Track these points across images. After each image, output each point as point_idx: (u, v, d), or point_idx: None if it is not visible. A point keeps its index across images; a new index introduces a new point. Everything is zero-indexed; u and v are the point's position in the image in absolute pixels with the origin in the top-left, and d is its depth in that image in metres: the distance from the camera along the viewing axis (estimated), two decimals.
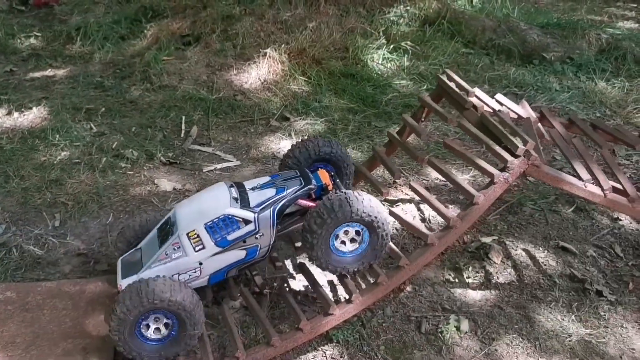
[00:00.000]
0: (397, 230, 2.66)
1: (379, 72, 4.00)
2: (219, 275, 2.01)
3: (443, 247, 1.97)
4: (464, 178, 3.03)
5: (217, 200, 1.99)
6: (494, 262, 2.51)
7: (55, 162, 3.00)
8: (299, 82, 3.81)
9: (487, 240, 2.63)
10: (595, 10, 5.94)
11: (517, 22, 4.60)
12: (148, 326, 1.86)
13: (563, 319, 2.25)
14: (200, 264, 1.94)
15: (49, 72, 4.02)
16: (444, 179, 2.32)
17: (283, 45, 3.93)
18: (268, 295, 2.25)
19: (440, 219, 2.68)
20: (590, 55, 4.40)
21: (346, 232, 1.96)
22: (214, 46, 3.96)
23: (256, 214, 1.94)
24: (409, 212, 2.81)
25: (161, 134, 3.30)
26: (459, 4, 4.79)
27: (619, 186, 2.15)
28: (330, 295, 2.10)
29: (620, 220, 2.78)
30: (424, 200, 2.12)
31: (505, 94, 3.99)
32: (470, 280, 2.42)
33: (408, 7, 4.48)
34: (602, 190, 2.00)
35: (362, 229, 1.95)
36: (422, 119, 2.43)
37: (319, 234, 1.89)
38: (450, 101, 2.33)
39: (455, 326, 2.19)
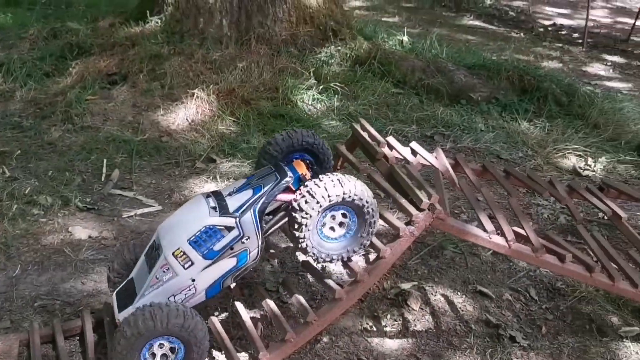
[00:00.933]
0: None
1: (309, 113, 4.02)
2: (215, 288, 1.98)
3: (351, 301, 1.96)
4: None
5: (196, 213, 1.96)
6: (413, 309, 2.52)
7: None
8: (227, 123, 3.79)
9: (406, 286, 2.64)
10: (523, 50, 6.20)
11: (445, 62, 4.73)
12: (153, 355, 1.84)
13: None
14: (193, 280, 1.91)
15: None
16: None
17: (212, 86, 3.91)
18: None
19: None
20: (514, 96, 4.56)
21: (333, 217, 1.96)
22: (141, 86, 3.90)
23: (237, 219, 1.92)
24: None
25: (80, 178, 3.21)
26: (390, 44, 4.90)
27: (523, 233, 2.20)
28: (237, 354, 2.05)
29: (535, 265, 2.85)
30: None
31: (432, 135, 4.09)
32: (388, 329, 2.41)
33: (339, 47, 4.55)
34: (507, 241, 2.05)
35: (349, 212, 1.95)
36: (338, 168, 2.43)
37: (304, 224, 1.89)
38: (363, 151, 2.35)
39: None
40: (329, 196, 1.87)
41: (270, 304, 2.08)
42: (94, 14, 5.23)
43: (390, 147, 2.38)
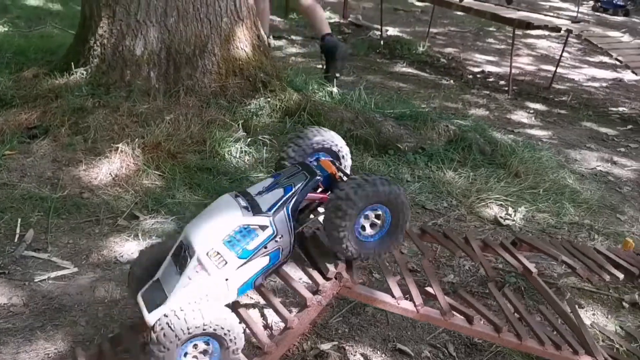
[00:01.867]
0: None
1: (237, 166, 4.02)
2: (247, 286, 1.98)
3: None
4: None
5: (228, 213, 1.96)
6: None
7: None
8: (152, 177, 3.74)
9: (326, 346, 2.64)
10: (452, 98, 6.41)
11: (373, 113, 4.84)
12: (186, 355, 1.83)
13: None
14: (227, 279, 1.91)
15: None
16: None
17: (137, 139, 3.87)
18: None
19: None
20: (439, 146, 4.69)
21: (367, 217, 2.02)
22: (62, 140, 3.81)
23: (271, 218, 1.94)
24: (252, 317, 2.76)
25: None
26: (319, 95, 4.98)
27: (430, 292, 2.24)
28: None
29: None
30: (244, 322, 2.09)
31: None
32: None
33: (269, 99, 4.59)
34: (415, 306, 2.08)
35: (383, 211, 2.02)
36: None
37: (343, 227, 1.94)
38: None
39: None
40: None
41: None
42: (21, 62, 5.11)
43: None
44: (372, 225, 2.10)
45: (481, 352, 2.72)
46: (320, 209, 2.23)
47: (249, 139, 4.24)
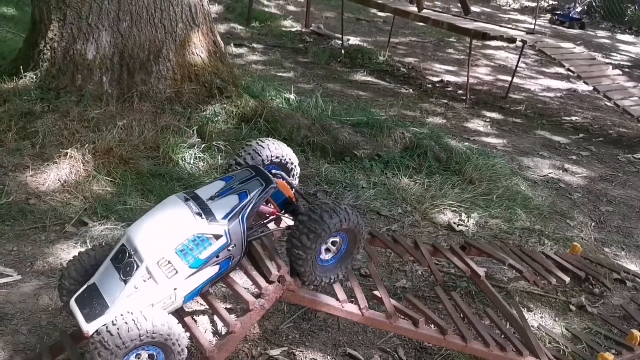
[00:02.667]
0: None
1: (191, 172, 3.98)
2: (193, 294, 1.91)
3: None
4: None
5: (179, 219, 1.87)
6: None
7: None
8: (102, 184, 3.67)
9: (275, 352, 2.61)
10: (410, 106, 6.48)
11: (330, 120, 4.86)
12: None
13: None
14: (175, 289, 1.83)
15: None
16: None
17: (88, 145, 3.79)
18: None
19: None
20: (395, 153, 4.73)
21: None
22: (9, 145, 3.72)
23: (226, 226, 1.87)
24: (200, 324, 2.72)
25: None
26: (277, 102, 4.98)
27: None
28: None
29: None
30: (186, 327, 2.06)
31: (315, 192, 4.15)
32: None
33: (225, 105, 4.57)
34: (359, 309, 2.08)
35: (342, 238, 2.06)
36: None
37: (312, 249, 1.93)
38: None
39: None
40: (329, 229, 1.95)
41: None
42: None
43: None
44: (327, 250, 2.08)
45: (431, 355, 2.74)
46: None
47: (204, 145, 4.21)
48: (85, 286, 1.90)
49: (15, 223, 3.28)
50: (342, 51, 8.24)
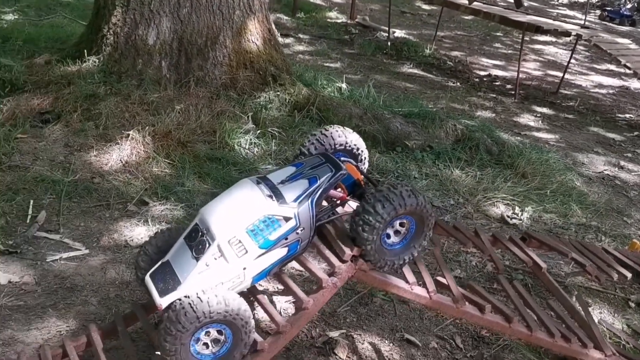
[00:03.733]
0: None
1: (246, 157, 4.04)
2: (262, 275, 1.96)
3: (274, 352, 1.95)
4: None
5: (251, 200, 1.92)
6: (340, 358, 2.52)
7: None
8: (161, 165, 3.75)
9: (334, 334, 2.65)
10: (458, 99, 6.43)
11: (382, 110, 4.86)
12: (198, 340, 1.82)
13: None
14: (244, 268, 1.89)
15: None
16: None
17: (148, 127, 3.88)
18: None
19: (291, 312, 2.68)
20: (447, 145, 4.71)
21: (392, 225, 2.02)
22: (74, 125, 3.83)
23: (296, 209, 1.91)
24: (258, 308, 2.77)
25: (3, 219, 3.09)
26: (328, 91, 5.00)
27: (444, 281, 2.25)
28: None
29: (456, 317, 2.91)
30: (258, 302, 2.11)
31: (366, 183, 4.16)
32: None
33: (278, 93, 4.61)
34: (428, 292, 2.09)
35: (408, 220, 2.02)
36: None
37: (378, 226, 1.92)
38: None
39: None
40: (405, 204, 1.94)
41: None
42: (31, 49, 5.14)
43: None
44: (396, 232, 2.08)
45: (488, 345, 2.74)
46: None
47: (258, 131, 4.26)
48: (159, 263, 1.97)
49: (81, 200, 3.39)
50: (388, 43, 8.21)
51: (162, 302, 1.85)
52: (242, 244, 1.88)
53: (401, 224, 2.07)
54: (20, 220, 3.13)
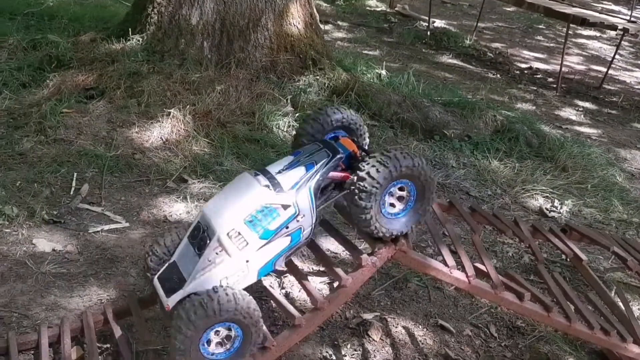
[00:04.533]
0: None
1: (284, 139, 4.05)
2: (267, 268, 1.94)
3: (311, 328, 1.97)
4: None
5: (248, 192, 1.91)
6: (373, 340, 2.53)
7: None
8: (201, 144, 3.80)
9: (369, 316, 2.66)
10: (498, 91, 6.34)
11: (421, 98, 4.82)
12: (209, 342, 1.81)
13: None
14: (247, 261, 1.87)
15: None
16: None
17: (189, 106, 3.93)
18: None
19: (326, 293, 2.69)
20: (486, 135, 4.66)
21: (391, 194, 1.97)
22: (117, 102, 3.90)
23: (294, 197, 1.89)
24: (295, 286, 2.79)
25: (48, 190, 3.18)
26: (368, 77, 4.98)
27: (483, 268, 2.23)
28: None
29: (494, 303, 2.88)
30: (297, 278, 2.12)
31: None
32: (347, 358, 2.41)
33: (318, 77, 4.61)
34: (467, 276, 2.08)
35: (407, 185, 1.97)
36: None
37: (375, 192, 1.88)
38: None
39: None
40: (400, 167, 1.91)
41: None
42: (77, 28, 5.23)
43: None
44: (400, 198, 2.02)
45: (523, 335, 2.71)
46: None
47: (297, 115, 4.27)
48: (166, 265, 1.96)
49: (122, 175, 3.45)
50: (428, 33, 8.12)
51: (169, 301, 1.85)
52: (242, 236, 1.85)
53: (400, 189, 2.01)
54: (64, 192, 3.21)
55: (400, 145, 4.32)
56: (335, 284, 2.05)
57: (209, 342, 1.82)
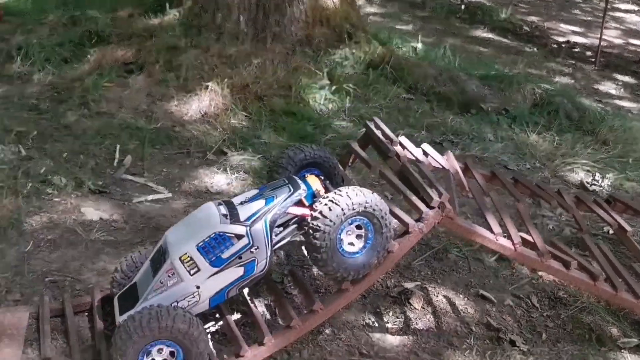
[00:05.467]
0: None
1: (320, 112, 4.06)
2: (220, 297, 1.96)
3: (357, 293, 2.00)
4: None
5: (207, 219, 1.95)
6: (415, 308, 2.55)
7: None
8: (239, 117, 3.83)
9: (410, 285, 2.68)
10: (535, 65, 6.23)
11: (457, 72, 4.77)
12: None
13: None
14: (198, 287, 1.90)
15: None
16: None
17: (226, 80, 3.96)
18: None
19: None
20: (524, 108, 4.60)
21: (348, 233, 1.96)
22: (156, 76, 3.95)
23: (248, 227, 1.91)
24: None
25: (93, 161, 3.25)
26: (404, 50, 4.94)
27: (531, 239, 2.22)
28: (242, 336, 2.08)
29: (539, 271, 2.87)
30: None
31: (442, 141, 4.12)
32: (389, 325, 2.44)
33: (353, 50, 4.59)
34: (513, 243, 2.07)
35: (364, 223, 1.95)
36: (350, 165, 2.47)
37: (327, 236, 1.86)
38: (375, 149, 2.38)
39: None
40: (352, 204, 1.88)
41: (277, 290, 2.11)
42: (114, 3, 5.28)
43: (403, 147, 2.41)
44: (358, 237, 1.99)
45: (565, 306, 2.70)
46: None
47: (333, 88, 4.27)
48: (128, 285, 2.03)
49: (163, 147, 3.51)
50: (462, 7, 7.99)
51: (120, 319, 1.90)
52: (193, 261, 1.88)
53: (358, 227, 1.98)
54: (108, 163, 3.28)
55: (356, 184, 4.28)
56: None
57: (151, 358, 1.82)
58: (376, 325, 2.43)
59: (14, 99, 3.78)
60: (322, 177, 2.25)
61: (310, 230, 1.91)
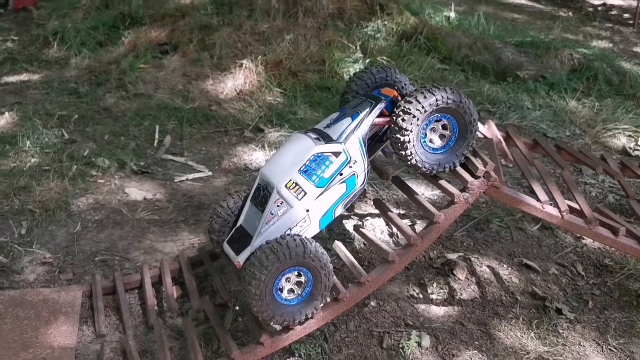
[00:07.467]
0: (364, 245, 2.69)
1: None
2: (328, 217, 2.01)
3: (403, 264, 2.00)
4: (430, 195, 3.08)
5: (300, 146, 2.00)
6: (458, 279, 2.55)
7: (24, 168, 2.98)
8: (274, 94, 3.84)
9: (452, 256, 2.67)
10: (571, 30, 6.07)
11: (492, 40, 4.68)
12: (282, 289, 1.88)
13: (522, 336, 2.29)
14: (308, 210, 1.95)
15: (23, 77, 4.01)
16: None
17: (260, 57, 3.96)
18: (232, 307, 2.26)
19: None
20: (562, 75, 4.49)
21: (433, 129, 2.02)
22: (191, 55, 3.97)
23: (343, 144, 1.97)
24: (377, 227, 2.84)
25: (134, 142, 3.30)
26: (436, 20, 4.86)
27: (577, 207, 2.19)
28: None
29: (583, 239, 2.84)
30: (387, 217, 2.15)
31: (478, 111, 4.06)
32: (434, 296, 2.45)
33: (386, 22, 4.54)
34: (560, 211, 2.05)
35: (448, 120, 2.00)
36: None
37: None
38: None
39: (416, 342, 2.21)
40: (436, 101, 1.93)
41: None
42: None
43: None
44: (441, 136, 2.04)
45: (612, 273, 2.67)
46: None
47: (367, 60, 4.24)
48: (233, 229, 2.05)
49: (201, 126, 3.54)
50: None
51: (239, 258, 1.93)
52: (299, 186, 1.93)
53: (443, 127, 2.05)
54: (149, 144, 3.33)
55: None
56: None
57: (281, 289, 1.88)
58: (420, 296, 2.44)
59: (54, 84, 3.85)
60: (396, 88, 2.30)
61: (400, 113, 1.96)
